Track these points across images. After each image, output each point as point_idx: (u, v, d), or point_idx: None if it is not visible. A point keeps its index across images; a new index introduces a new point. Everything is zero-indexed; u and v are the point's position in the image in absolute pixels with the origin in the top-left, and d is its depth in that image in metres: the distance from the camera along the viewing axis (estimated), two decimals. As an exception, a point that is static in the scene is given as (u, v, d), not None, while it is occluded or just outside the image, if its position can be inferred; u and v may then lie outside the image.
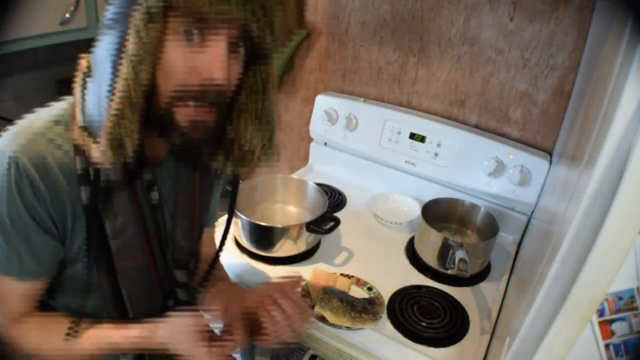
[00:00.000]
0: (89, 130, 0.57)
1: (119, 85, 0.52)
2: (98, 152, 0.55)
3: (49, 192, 0.58)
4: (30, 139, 0.57)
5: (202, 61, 0.54)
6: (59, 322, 0.67)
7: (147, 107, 0.55)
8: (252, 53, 0.60)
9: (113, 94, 0.53)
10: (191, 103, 0.56)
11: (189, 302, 0.77)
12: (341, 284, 0.99)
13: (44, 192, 0.57)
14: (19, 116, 0.63)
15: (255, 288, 0.78)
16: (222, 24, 0.53)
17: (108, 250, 0.63)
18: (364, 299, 0.96)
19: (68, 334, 0.65)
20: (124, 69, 0.52)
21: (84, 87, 0.59)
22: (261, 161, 0.69)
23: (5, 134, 0.59)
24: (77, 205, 0.60)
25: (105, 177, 0.60)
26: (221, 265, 0.91)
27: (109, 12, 0.55)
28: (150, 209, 0.68)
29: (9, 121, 0.62)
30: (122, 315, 0.68)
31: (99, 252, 0.63)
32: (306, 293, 0.97)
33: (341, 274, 1.03)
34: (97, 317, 0.68)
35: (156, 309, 0.71)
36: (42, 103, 0.65)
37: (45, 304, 0.70)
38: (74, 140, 0.59)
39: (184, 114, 0.57)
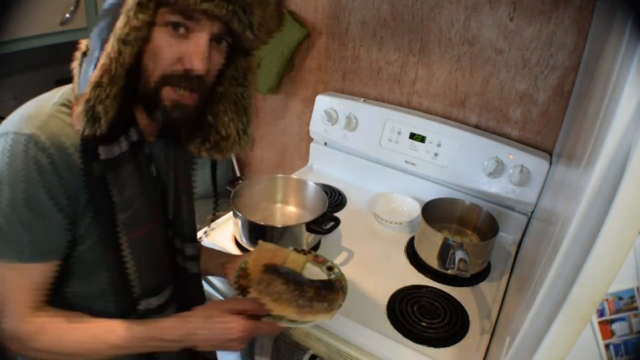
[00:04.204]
0: None
1: (102, 59, 0.57)
2: (75, 115, 0.59)
3: (67, 170, 0.60)
4: (45, 120, 0.60)
5: (185, 50, 0.60)
6: (79, 316, 0.67)
7: (136, 86, 0.61)
8: (234, 46, 0.67)
9: (96, 67, 0.58)
10: (175, 87, 0.62)
11: (197, 275, 0.83)
12: (292, 262, 0.83)
13: (64, 171, 0.59)
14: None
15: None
16: (206, 20, 0.59)
17: (115, 225, 0.65)
18: (320, 281, 0.78)
19: None
20: (109, 47, 0.57)
21: (80, 66, 0.63)
22: (235, 148, 0.74)
23: (12, 118, 0.60)
24: (88, 181, 0.62)
25: (110, 153, 0.63)
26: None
27: (106, 2, 0.60)
28: (152, 181, 0.71)
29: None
30: (127, 293, 0.69)
31: (106, 226, 0.65)
32: (244, 273, 0.79)
33: (295, 249, 0.88)
34: (99, 300, 0.69)
35: (164, 281, 0.74)
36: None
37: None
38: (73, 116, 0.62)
39: (168, 95, 0.62)
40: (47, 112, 0.60)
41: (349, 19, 1.38)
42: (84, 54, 0.64)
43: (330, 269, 0.85)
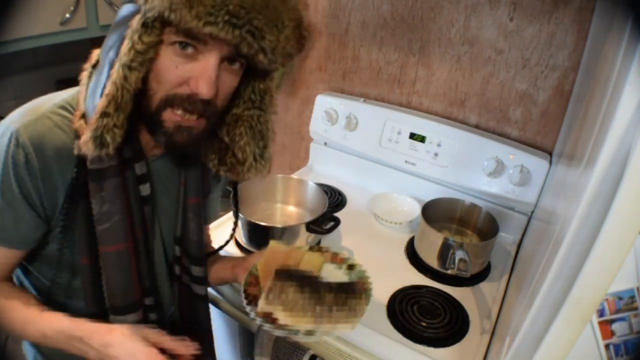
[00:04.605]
0: (85, 119, 0.60)
1: (108, 87, 0.56)
2: (83, 141, 0.58)
3: (41, 171, 0.60)
4: (35, 118, 0.60)
5: (191, 72, 0.57)
6: (25, 296, 0.68)
7: (139, 105, 0.59)
8: (250, 68, 0.64)
9: (103, 93, 0.56)
10: (179, 110, 0.59)
11: (204, 297, 0.81)
12: (308, 263, 0.73)
13: (37, 170, 0.60)
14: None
15: None
16: (214, 43, 0.56)
17: (93, 234, 0.65)
18: (339, 284, 0.70)
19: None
20: (115, 73, 0.55)
21: (90, 78, 0.62)
22: (251, 172, 0.72)
23: (16, 111, 0.61)
24: (68, 186, 0.62)
25: (99, 163, 0.62)
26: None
27: (124, 8, 0.58)
28: (139, 201, 0.69)
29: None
30: (98, 302, 0.69)
31: (84, 234, 0.65)
32: (253, 279, 0.72)
33: (310, 248, 0.79)
34: (68, 293, 0.69)
35: (132, 304, 0.70)
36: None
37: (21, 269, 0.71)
38: (73, 125, 0.62)
39: (169, 117, 0.60)
40: (42, 112, 0.61)
41: (349, 19, 1.38)
42: (94, 65, 0.63)
43: (351, 267, 0.75)
